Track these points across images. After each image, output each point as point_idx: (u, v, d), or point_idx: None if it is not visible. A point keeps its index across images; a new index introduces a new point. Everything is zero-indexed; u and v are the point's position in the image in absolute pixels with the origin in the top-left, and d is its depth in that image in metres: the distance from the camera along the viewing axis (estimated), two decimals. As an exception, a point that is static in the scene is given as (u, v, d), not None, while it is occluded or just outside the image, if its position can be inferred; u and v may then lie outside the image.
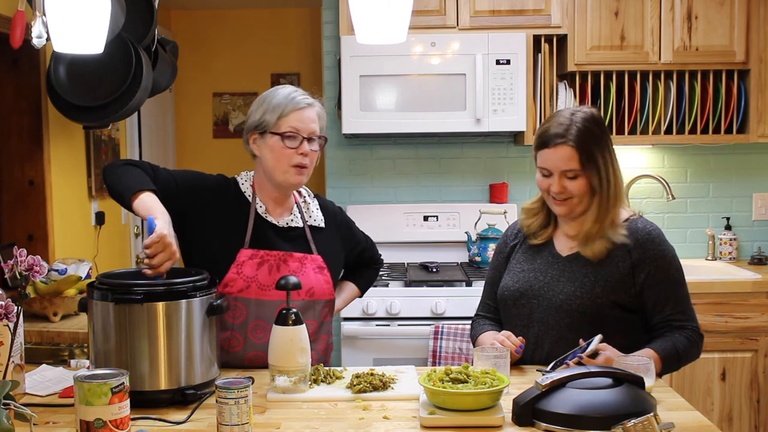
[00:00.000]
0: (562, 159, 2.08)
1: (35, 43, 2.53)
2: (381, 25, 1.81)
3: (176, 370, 1.83)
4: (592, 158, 2.07)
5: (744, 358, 3.48)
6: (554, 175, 2.11)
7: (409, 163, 4.11)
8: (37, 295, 2.84)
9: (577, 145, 2.07)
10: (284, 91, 2.17)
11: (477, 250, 3.75)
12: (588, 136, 2.08)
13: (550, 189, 2.12)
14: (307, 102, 2.16)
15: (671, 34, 3.65)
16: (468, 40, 3.61)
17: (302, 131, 2.13)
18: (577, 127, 2.08)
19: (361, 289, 2.53)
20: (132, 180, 2.06)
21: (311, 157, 2.15)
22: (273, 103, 2.15)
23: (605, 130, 2.14)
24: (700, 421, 1.73)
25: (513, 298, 2.20)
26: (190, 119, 5.57)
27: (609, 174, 2.10)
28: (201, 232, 2.17)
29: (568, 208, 2.13)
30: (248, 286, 2.11)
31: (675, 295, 2.12)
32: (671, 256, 2.14)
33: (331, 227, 2.31)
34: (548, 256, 2.20)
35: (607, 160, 2.10)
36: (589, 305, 2.08)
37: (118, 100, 3.15)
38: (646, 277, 2.10)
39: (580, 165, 2.07)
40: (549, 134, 2.10)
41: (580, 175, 2.08)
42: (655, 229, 2.16)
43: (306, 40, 5.51)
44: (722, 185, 4.08)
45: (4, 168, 3.35)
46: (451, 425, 1.68)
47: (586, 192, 2.10)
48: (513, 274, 2.24)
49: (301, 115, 2.14)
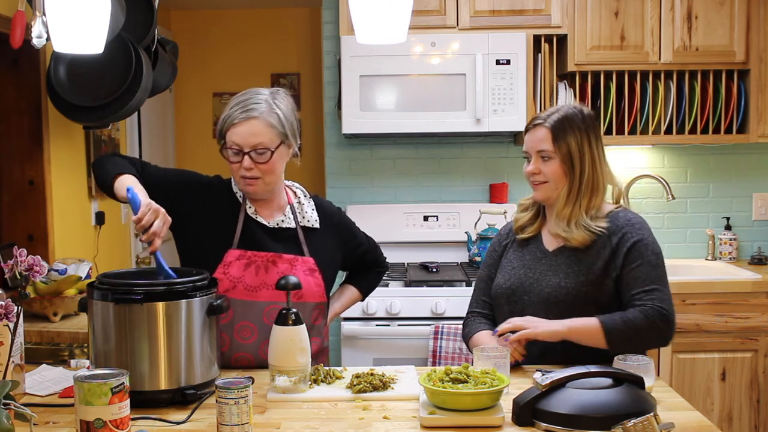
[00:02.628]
0: (537, 139, 2.19)
1: (35, 43, 2.52)
2: (381, 25, 1.81)
3: (176, 370, 1.83)
4: (564, 140, 2.16)
5: (744, 358, 3.48)
6: (532, 157, 2.21)
7: (409, 163, 4.11)
8: (37, 295, 2.84)
9: (552, 127, 2.17)
10: (232, 103, 2.13)
11: (477, 250, 3.75)
12: (565, 122, 2.18)
13: (527, 170, 2.22)
14: (246, 116, 2.08)
15: (671, 34, 3.65)
16: (468, 40, 3.61)
17: (243, 146, 2.08)
18: (558, 114, 2.20)
19: (362, 292, 2.51)
20: (116, 167, 2.11)
21: (261, 169, 2.10)
22: (222, 115, 2.14)
23: (590, 123, 2.21)
24: (700, 421, 1.73)
25: (505, 295, 2.24)
26: (190, 119, 5.57)
27: (584, 161, 2.17)
28: (191, 231, 2.17)
29: (544, 193, 2.21)
30: (234, 287, 2.11)
31: (648, 276, 2.12)
32: (649, 241, 2.16)
33: (327, 228, 2.28)
34: (536, 252, 2.25)
35: (583, 148, 2.17)
36: (575, 295, 2.12)
37: (118, 100, 3.15)
38: (623, 259, 2.13)
39: (553, 146, 2.16)
40: (534, 118, 2.24)
41: (553, 157, 2.17)
42: (636, 218, 2.21)
43: (306, 40, 5.51)
44: (722, 185, 4.07)
45: (4, 168, 3.35)
46: (451, 425, 1.68)
47: (561, 177, 2.18)
48: (505, 272, 2.28)
49: (240, 130, 2.08)
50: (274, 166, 2.12)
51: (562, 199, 2.19)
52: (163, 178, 2.20)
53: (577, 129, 2.19)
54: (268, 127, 2.09)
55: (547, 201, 2.24)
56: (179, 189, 2.19)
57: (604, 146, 2.25)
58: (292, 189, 2.30)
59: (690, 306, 3.44)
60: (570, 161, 2.17)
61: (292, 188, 2.31)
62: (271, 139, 2.10)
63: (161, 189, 2.14)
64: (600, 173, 2.21)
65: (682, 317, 3.40)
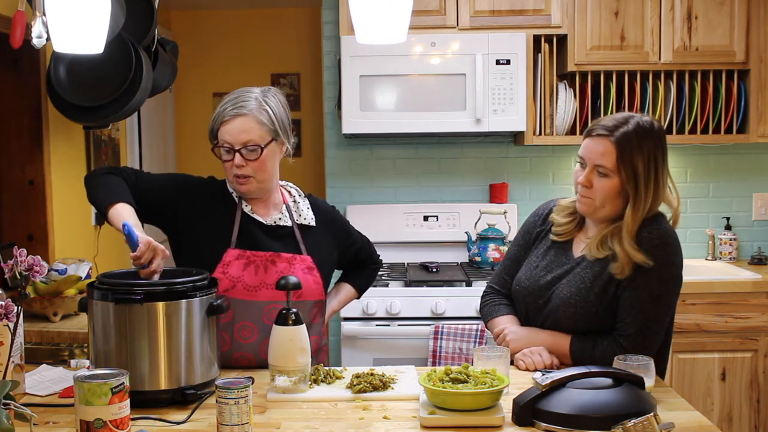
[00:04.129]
0: (598, 151, 2.00)
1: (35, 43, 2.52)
2: (381, 25, 1.81)
3: (176, 370, 1.83)
4: (630, 163, 1.97)
5: (744, 358, 3.48)
6: (587, 166, 2.04)
7: (409, 163, 4.11)
8: (37, 295, 2.84)
9: (618, 143, 1.98)
10: (223, 101, 2.14)
11: (477, 250, 3.75)
12: (635, 141, 1.98)
13: (578, 178, 2.05)
14: (236, 113, 2.09)
15: (671, 34, 3.65)
16: (468, 40, 3.61)
17: (234, 143, 2.09)
18: (627, 128, 1.99)
19: (358, 290, 2.52)
20: (109, 190, 2.09)
21: (252, 166, 2.10)
22: (213, 114, 2.14)
23: (659, 144, 2.02)
24: (700, 421, 1.73)
25: (522, 294, 2.20)
26: (190, 119, 5.57)
27: (649, 186, 1.98)
28: (189, 234, 2.17)
29: (588, 208, 2.06)
30: (234, 287, 2.11)
31: (641, 308, 1.99)
32: (661, 265, 1.98)
33: (322, 225, 2.30)
34: (562, 256, 2.16)
35: (650, 173, 1.98)
36: (582, 314, 2.05)
37: (118, 100, 3.15)
38: (628, 281, 2.00)
39: (616, 164, 1.97)
40: (598, 125, 2.03)
41: (611, 175, 1.99)
42: (658, 230, 2.01)
43: (306, 40, 5.51)
44: (722, 185, 4.07)
45: (4, 168, 3.35)
46: (451, 425, 1.68)
47: (613, 196, 2.01)
48: (528, 269, 2.21)
49: (230, 127, 2.09)
50: (264, 163, 2.11)
51: (629, 228, 1.98)
52: (157, 185, 2.21)
53: (647, 148, 1.98)
54: (258, 123, 2.09)
55: (589, 216, 2.09)
56: (173, 194, 2.20)
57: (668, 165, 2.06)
58: (286, 189, 2.31)
59: (690, 306, 3.44)
60: (634, 184, 1.97)
61: (287, 188, 2.32)
62: (261, 135, 2.10)
63: (156, 196, 2.15)
64: (660, 197, 2.02)
65: (682, 317, 3.41)
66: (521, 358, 2.10)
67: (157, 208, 2.17)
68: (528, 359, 2.08)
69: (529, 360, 2.08)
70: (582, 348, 2.05)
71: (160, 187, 2.21)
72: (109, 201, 2.05)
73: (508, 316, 2.23)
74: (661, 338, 2.06)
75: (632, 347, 1.99)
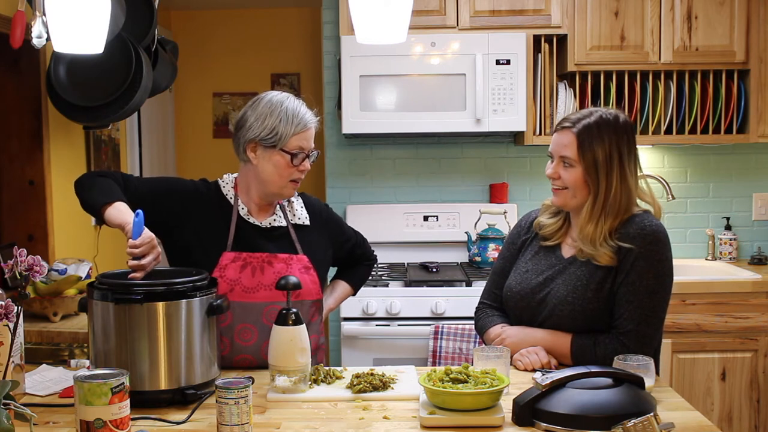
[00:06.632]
0: (562, 143, 2.09)
1: (35, 43, 2.52)
2: (381, 25, 1.81)
3: (176, 370, 1.83)
4: (590, 151, 2.04)
5: (744, 358, 3.48)
6: (554, 159, 2.12)
7: (409, 163, 4.11)
8: (37, 295, 2.84)
9: (579, 134, 2.06)
10: (291, 106, 2.14)
11: (477, 250, 3.75)
12: (594, 128, 2.05)
13: (547, 171, 2.14)
14: (315, 120, 2.19)
15: (671, 34, 3.65)
16: (468, 40, 3.61)
17: (306, 149, 2.16)
18: (589, 120, 2.07)
19: (353, 287, 2.53)
20: (104, 191, 2.08)
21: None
22: (283, 119, 2.12)
23: (623, 136, 2.08)
24: (700, 421, 1.73)
25: (514, 300, 2.21)
26: (190, 119, 5.57)
27: (611, 175, 2.05)
28: (182, 238, 2.17)
29: (562, 199, 2.12)
30: (232, 289, 2.11)
31: (639, 303, 2.02)
32: (656, 259, 2.03)
33: (317, 224, 2.31)
34: (552, 258, 2.18)
35: (612, 160, 2.05)
36: (580, 311, 2.06)
37: (118, 100, 3.15)
38: (624, 276, 2.03)
39: (577, 153, 2.05)
40: (563, 119, 2.12)
41: (575, 165, 2.06)
42: (651, 226, 2.05)
43: (306, 40, 5.51)
44: (722, 185, 4.08)
45: (4, 168, 3.35)
46: (451, 425, 1.68)
47: (581, 186, 2.07)
48: (518, 274, 2.23)
49: (308, 134, 2.17)
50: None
51: (585, 215, 2.06)
52: (147, 189, 2.20)
53: (608, 138, 2.05)
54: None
55: (565, 207, 2.14)
56: (165, 198, 2.19)
57: (638, 159, 2.12)
58: None
59: (690, 306, 3.44)
60: (595, 172, 2.04)
61: None
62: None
63: (146, 200, 2.12)
64: (630, 190, 2.07)
65: (682, 317, 3.40)
66: (519, 358, 2.10)
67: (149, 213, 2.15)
68: (525, 359, 2.09)
69: (527, 360, 2.08)
70: (582, 345, 2.05)
71: (149, 191, 2.20)
72: (106, 201, 2.05)
73: (502, 324, 2.23)
74: (660, 332, 2.08)
75: (632, 342, 2.01)
